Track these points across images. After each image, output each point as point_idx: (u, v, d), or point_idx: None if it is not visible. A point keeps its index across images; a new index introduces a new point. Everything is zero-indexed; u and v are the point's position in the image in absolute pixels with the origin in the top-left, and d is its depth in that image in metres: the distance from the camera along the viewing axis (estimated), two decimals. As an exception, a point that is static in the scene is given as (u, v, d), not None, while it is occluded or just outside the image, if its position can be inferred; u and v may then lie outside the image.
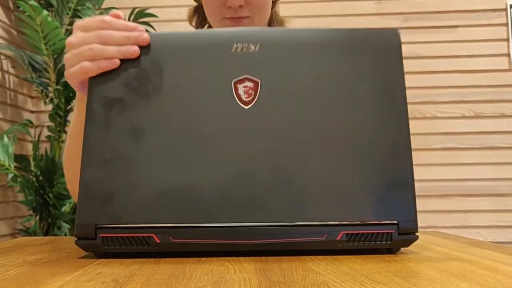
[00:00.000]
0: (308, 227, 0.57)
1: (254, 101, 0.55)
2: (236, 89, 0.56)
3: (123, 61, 0.60)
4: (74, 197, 0.83)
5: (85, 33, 0.63)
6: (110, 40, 0.61)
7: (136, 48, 0.59)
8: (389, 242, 0.58)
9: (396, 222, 0.58)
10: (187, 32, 0.63)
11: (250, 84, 0.56)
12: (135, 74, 0.59)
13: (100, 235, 0.57)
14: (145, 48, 0.60)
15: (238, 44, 0.57)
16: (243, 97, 0.55)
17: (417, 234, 0.59)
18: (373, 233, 0.57)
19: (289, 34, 0.60)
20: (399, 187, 0.57)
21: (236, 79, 0.56)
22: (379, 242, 0.57)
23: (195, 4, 1.05)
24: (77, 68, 0.62)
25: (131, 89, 0.58)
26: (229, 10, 0.92)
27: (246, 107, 0.55)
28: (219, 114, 0.55)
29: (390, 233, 0.57)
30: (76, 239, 0.58)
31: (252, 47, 0.57)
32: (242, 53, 0.57)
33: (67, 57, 0.65)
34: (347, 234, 0.57)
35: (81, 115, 0.61)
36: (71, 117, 2.12)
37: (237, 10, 0.92)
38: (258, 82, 0.56)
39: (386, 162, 0.56)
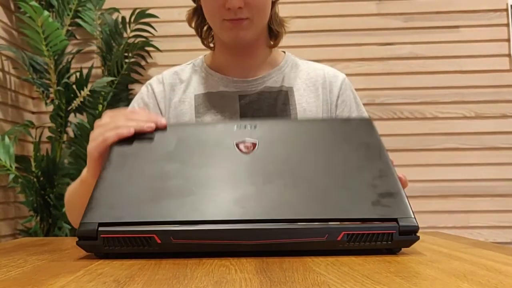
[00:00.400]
0: (309, 228, 0.57)
1: (253, 152, 0.67)
2: (238, 146, 0.68)
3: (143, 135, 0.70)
4: (75, 225, 0.87)
5: (113, 115, 0.74)
6: (132, 117, 0.72)
7: (153, 125, 0.69)
8: (389, 242, 0.58)
9: (396, 222, 0.58)
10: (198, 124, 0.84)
11: (249, 143, 0.68)
12: (153, 139, 0.71)
13: (102, 235, 0.57)
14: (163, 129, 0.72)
15: (240, 126, 0.73)
16: (244, 150, 0.68)
17: (417, 234, 0.59)
18: (373, 234, 0.57)
19: (283, 126, 0.76)
20: (393, 195, 0.62)
21: (238, 141, 0.69)
22: (379, 243, 0.58)
23: (194, 5, 1.05)
24: (99, 139, 0.71)
25: (149, 148, 0.70)
26: (228, 11, 0.92)
27: (246, 155, 0.67)
28: (223, 160, 0.67)
29: (391, 233, 0.57)
30: (77, 239, 0.58)
31: (249, 126, 0.72)
32: (242, 130, 0.72)
33: (92, 132, 0.73)
34: (348, 234, 0.57)
35: (89, 178, 0.73)
36: (72, 118, 2.13)
37: (237, 12, 0.92)
38: (256, 142, 0.69)
39: (376, 181, 0.64)
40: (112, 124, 0.71)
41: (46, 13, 1.88)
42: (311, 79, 1.06)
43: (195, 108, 1.02)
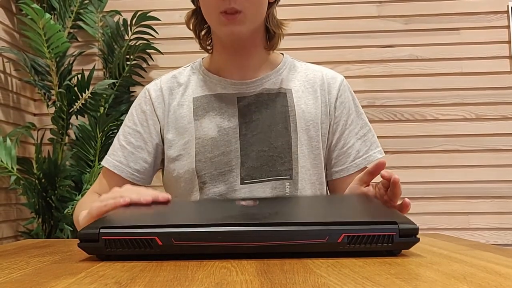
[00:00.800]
0: (309, 230, 0.58)
1: (253, 205, 0.74)
2: (239, 203, 0.76)
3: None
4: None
5: (123, 190, 0.82)
6: (134, 192, 0.79)
7: (149, 198, 0.75)
8: (390, 244, 0.58)
9: (396, 224, 0.58)
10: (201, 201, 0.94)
11: (250, 202, 0.76)
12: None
13: (103, 237, 0.58)
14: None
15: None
16: (245, 204, 0.75)
17: (418, 236, 0.59)
18: (374, 235, 0.58)
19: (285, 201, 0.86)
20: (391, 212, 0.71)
21: (240, 200, 0.80)
22: (380, 244, 0.58)
23: (194, 7, 1.06)
24: (102, 203, 0.78)
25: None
26: (223, 2, 0.93)
27: (247, 206, 0.74)
28: (225, 209, 0.76)
29: (391, 235, 0.58)
30: (79, 241, 0.59)
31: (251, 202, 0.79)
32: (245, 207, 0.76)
33: (103, 195, 0.82)
34: (348, 236, 0.57)
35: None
36: (73, 120, 2.13)
37: (231, 2, 0.93)
38: (256, 200, 0.78)
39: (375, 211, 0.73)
40: (117, 194, 0.79)
41: (47, 15, 1.89)
42: (310, 80, 1.06)
43: (193, 110, 1.03)
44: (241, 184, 0.99)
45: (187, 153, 1.01)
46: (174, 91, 1.06)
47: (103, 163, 1.07)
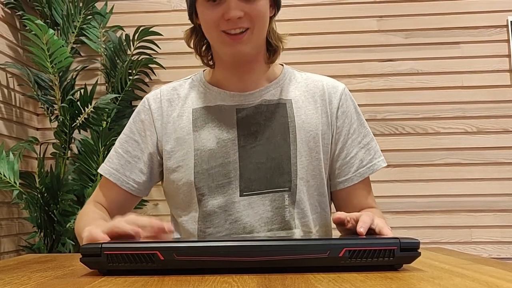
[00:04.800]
0: (310, 244, 0.58)
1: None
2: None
3: None
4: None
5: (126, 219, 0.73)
6: (136, 222, 0.70)
7: (137, 229, 0.68)
8: (391, 258, 0.58)
9: (397, 239, 0.58)
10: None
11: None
12: None
13: (105, 252, 0.58)
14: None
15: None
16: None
17: (419, 250, 0.59)
18: (375, 250, 0.58)
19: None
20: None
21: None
22: (381, 259, 0.58)
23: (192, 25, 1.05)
24: (103, 228, 0.70)
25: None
26: (227, 22, 0.92)
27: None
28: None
29: (392, 249, 0.58)
30: (81, 256, 0.59)
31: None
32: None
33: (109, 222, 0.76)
34: (349, 251, 0.57)
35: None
36: (76, 134, 2.14)
37: (236, 22, 0.92)
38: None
39: None
40: (119, 223, 0.73)
41: (51, 31, 1.91)
42: (310, 90, 1.06)
43: (192, 122, 1.03)
44: (240, 196, 0.98)
45: (186, 164, 1.01)
46: (174, 103, 1.06)
47: (99, 170, 1.07)
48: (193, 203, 1.01)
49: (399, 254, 0.58)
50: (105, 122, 2.15)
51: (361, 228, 0.66)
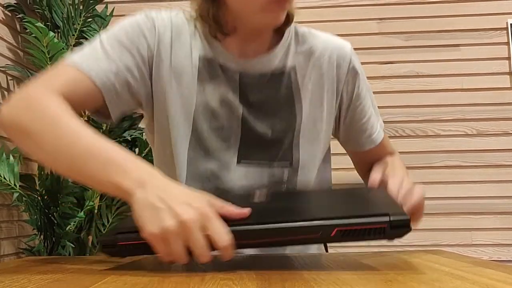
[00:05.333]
0: (302, 226, 0.59)
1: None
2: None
3: None
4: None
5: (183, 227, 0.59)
6: (190, 241, 0.59)
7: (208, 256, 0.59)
8: (382, 235, 0.59)
9: (388, 216, 0.59)
10: None
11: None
12: None
13: (119, 243, 0.64)
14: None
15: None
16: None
17: (410, 227, 0.60)
18: (365, 229, 0.59)
19: None
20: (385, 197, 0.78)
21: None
22: (372, 236, 0.59)
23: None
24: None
25: None
26: None
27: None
28: None
29: (382, 227, 0.59)
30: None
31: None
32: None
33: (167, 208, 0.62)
34: (340, 230, 0.59)
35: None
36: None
37: None
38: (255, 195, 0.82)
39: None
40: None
41: (51, 33, 1.91)
42: (315, 55, 0.98)
43: (198, 70, 0.91)
44: (237, 164, 0.91)
45: (186, 118, 0.91)
46: (182, 36, 0.92)
47: (79, 62, 0.84)
48: (180, 161, 0.91)
49: (389, 232, 0.59)
50: (105, 124, 2.15)
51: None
